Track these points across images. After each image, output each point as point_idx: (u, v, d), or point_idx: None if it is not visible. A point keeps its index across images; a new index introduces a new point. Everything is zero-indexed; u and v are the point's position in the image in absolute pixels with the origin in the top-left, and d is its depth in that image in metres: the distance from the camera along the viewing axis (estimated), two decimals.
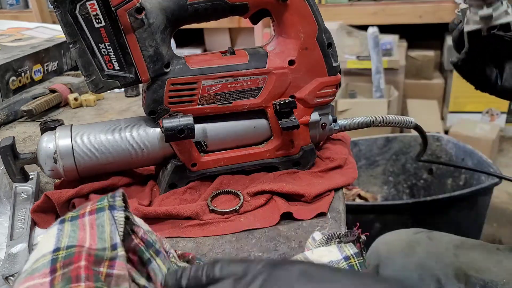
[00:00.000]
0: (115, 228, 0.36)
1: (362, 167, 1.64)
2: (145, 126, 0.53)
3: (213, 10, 0.51)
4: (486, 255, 0.68)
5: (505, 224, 1.73)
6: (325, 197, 0.54)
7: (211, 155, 0.56)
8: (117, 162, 0.52)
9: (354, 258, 0.42)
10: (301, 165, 0.59)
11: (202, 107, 0.53)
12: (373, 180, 1.66)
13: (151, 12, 0.47)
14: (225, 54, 0.55)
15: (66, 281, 0.30)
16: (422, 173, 1.60)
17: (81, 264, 0.31)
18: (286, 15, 0.53)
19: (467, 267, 0.67)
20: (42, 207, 0.51)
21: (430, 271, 0.72)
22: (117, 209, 0.37)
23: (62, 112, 0.87)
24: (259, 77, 0.54)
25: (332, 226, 0.50)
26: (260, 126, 0.57)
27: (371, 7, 2.18)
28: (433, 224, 1.24)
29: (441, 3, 2.09)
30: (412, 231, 0.83)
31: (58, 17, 0.45)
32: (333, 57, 0.56)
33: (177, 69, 0.51)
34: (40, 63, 0.93)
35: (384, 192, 1.65)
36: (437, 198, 1.20)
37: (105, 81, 0.49)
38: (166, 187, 0.54)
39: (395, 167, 1.63)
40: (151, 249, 0.37)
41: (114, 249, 0.35)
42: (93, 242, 0.35)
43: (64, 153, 0.50)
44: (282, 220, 0.51)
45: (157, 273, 0.37)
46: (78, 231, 0.36)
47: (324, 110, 0.58)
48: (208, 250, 0.47)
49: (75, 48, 0.46)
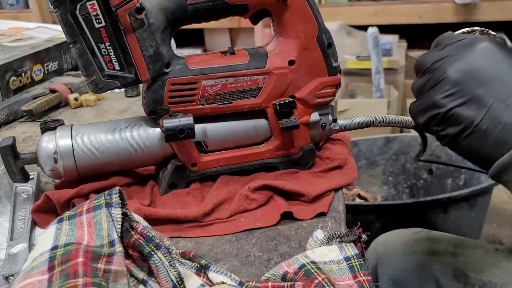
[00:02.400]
0: (113, 225, 0.36)
1: (362, 167, 1.64)
2: (145, 126, 0.53)
3: (213, 10, 0.51)
4: (485, 255, 0.68)
5: (505, 224, 1.73)
6: (325, 197, 0.54)
7: (211, 155, 0.56)
8: (117, 162, 0.52)
9: (354, 259, 0.42)
10: (301, 165, 0.59)
11: (202, 107, 0.53)
12: (373, 180, 1.66)
13: (151, 12, 0.47)
14: (225, 54, 0.55)
15: (64, 277, 0.30)
16: (422, 173, 1.60)
17: (79, 261, 0.32)
18: (286, 15, 0.53)
19: (466, 268, 0.67)
20: (43, 207, 0.52)
21: (429, 271, 0.72)
22: (114, 206, 0.37)
23: (62, 112, 0.87)
24: (259, 77, 0.54)
25: (332, 226, 0.50)
26: (260, 126, 0.57)
27: (371, 7, 2.18)
28: (433, 224, 1.24)
29: (441, 3, 2.09)
30: (412, 231, 0.83)
31: (58, 17, 0.45)
32: (333, 57, 0.56)
33: (177, 69, 0.51)
34: (40, 63, 0.93)
35: (384, 192, 1.65)
36: (437, 198, 1.20)
37: (105, 81, 0.49)
38: (166, 187, 0.54)
39: (395, 167, 1.63)
40: (152, 243, 0.37)
41: (112, 245, 0.36)
42: (91, 239, 0.35)
43: (64, 153, 0.50)
44: (282, 220, 0.51)
45: (159, 265, 0.37)
46: (76, 229, 0.36)
47: (324, 110, 0.59)
48: (208, 250, 0.47)
49: (75, 48, 0.46)
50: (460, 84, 0.43)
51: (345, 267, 0.41)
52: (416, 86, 0.47)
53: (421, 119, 0.46)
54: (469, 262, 0.68)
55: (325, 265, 0.41)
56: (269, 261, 0.45)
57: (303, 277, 0.39)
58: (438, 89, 0.44)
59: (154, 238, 0.38)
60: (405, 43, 2.25)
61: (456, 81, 0.43)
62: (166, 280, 0.36)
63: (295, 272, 0.40)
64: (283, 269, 0.40)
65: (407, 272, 0.75)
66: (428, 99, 0.45)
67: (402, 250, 0.78)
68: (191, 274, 0.40)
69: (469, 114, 0.43)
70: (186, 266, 0.41)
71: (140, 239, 0.37)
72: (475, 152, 0.44)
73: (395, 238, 0.84)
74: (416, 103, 0.47)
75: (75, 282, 0.30)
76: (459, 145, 0.45)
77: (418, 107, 0.47)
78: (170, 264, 0.37)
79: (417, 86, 0.47)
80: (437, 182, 1.57)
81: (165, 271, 0.37)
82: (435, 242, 0.76)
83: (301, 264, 0.40)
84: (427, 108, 0.45)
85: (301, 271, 0.40)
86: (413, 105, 0.48)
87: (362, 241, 0.44)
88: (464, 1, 2.01)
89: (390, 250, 0.81)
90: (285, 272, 0.40)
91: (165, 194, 0.54)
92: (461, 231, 1.28)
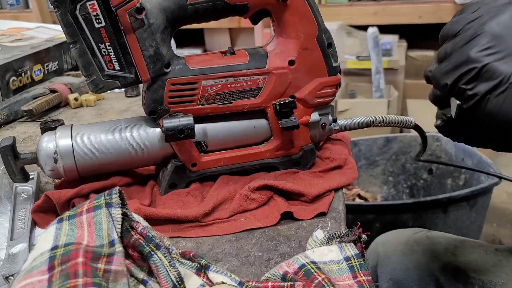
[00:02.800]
0: (113, 225, 0.36)
1: (362, 167, 1.64)
2: (145, 126, 0.53)
3: (213, 10, 0.51)
4: (485, 255, 0.68)
5: (505, 224, 1.73)
6: (325, 197, 0.54)
7: (211, 155, 0.56)
8: (117, 162, 0.52)
9: (354, 259, 0.42)
10: (301, 165, 0.59)
11: (202, 107, 0.53)
12: (373, 180, 1.66)
13: (151, 12, 0.47)
14: (225, 54, 0.55)
15: (64, 277, 0.30)
16: (422, 173, 1.60)
17: (79, 261, 0.32)
18: (286, 15, 0.53)
19: (466, 267, 0.67)
20: (43, 207, 0.52)
21: (429, 271, 0.72)
22: (114, 206, 0.37)
23: (62, 112, 0.87)
24: (259, 77, 0.54)
25: (332, 226, 0.50)
26: (260, 126, 0.57)
27: (371, 7, 2.18)
28: (433, 224, 1.25)
29: (441, 3, 2.09)
30: (412, 231, 0.83)
31: (58, 17, 0.45)
32: (333, 57, 0.56)
33: (177, 69, 0.51)
34: (40, 63, 0.93)
35: (384, 192, 1.65)
36: (437, 198, 1.20)
37: (105, 81, 0.49)
38: (166, 187, 0.54)
39: (395, 167, 1.64)
40: (152, 243, 0.37)
41: (112, 245, 0.36)
42: (91, 239, 0.35)
43: (64, 153, 0.50)
44: (282, 220, 0.51)
45: (159, 265, 0.37)
46: (76, 229, 0.36)
47: (324, 110, 0.59)
48: (208, 250, 0.47)
49: (76, 48, 0.46)
50: (499, 38, 0.41)
51: (345, 267, 0.41)
52: (445, 49, 0.45)
53: (449, 79, 0.43)
54: (469, 262, 0.68)
55: (325, 265, 0.41)
56: (269, 261, 0.45)
57: (303, 277, 0.39)
58: (474, 44, 0.42)
59: (154, 238, 0.38)
60: (405, 43, 2.25)
61: (495, 34, 0.41)
62: (166, 280, 0.36)
63: (295, 272, 0.40)
64: (283, 269, 0.41)
65: (407, 272, 0.75)
66: (459, 57, 0.43)
67: (402, 250, 0.78)
68: (191, 274, 0.40)
69: (506, 69, 0.40)
70: (186, 266, 0.41)
71: (140, 239, 0.37)
72: (506, 111, 0.41)
73: (395, 238, 0.84)
74: (443, 64, 0.44)
75: (75, 282, 0.30)
76: (489, 104, 0.42)
77: (445, 68, 0.44)
78: (170, 264, 0.37)
79: (446, 49, 0.45)
80: (437, 182, 1.57)
81: (165, 271, 0.37)
82: (435, 242, 0.76)
83: (301, 264, 0.40)
84: (458, 66, 0.43)
85: (301, 271, 0.40)
86: (439, 67, 0.45)
87: (362, 241, 0.44)
88: (464, 1, 2.01)
89: (390, 250, 0.81)
90: (285, 272, 0.40)
91: (165, 194, 0.54)
92: (461, 231, 1.28)
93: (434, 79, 0.46)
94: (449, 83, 0.44)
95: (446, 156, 1.54)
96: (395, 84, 2.12)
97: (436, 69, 0.45)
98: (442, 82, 0.44)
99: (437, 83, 0.45)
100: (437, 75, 0.45)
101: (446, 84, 0.44)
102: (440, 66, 0.45)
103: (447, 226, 1.26)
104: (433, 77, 0.46)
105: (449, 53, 0.44)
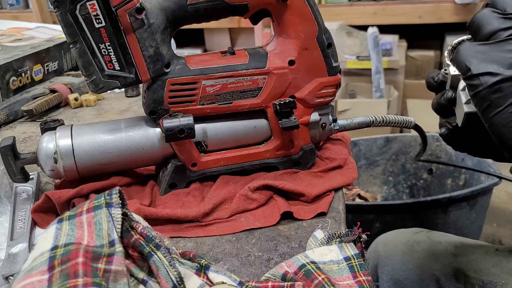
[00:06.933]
0: (113, 225, 0.36)
1: (362, 167, 1.64)
2: (145, 126, 0.53)
3: (213, 10, 0.51)
4: (485, 255, 0.68)
5: (505, 224, 1.73)
6: (325, 197, 0.54)
7: (211, 155, 0.56)
8: (117, 162, 0.52)
9: (354, 259, 0.42)
10: (301, 165, 0.59)
11: (202, 107, 0.53)
12: (373, 180, 1.66)
13: (151, 12, 0.47)
14: (225, 54, 0.55)
15: (64, 277, 0.30)
16: (422, 173, 1.60)
17: (79, 261, 0.32)
18: (286, 15, 0.53)
19: (466, 268, 0.67)
20: (43, 207, 0.52)
21: (429, 271, 0.72)
22: (114, 206, 0.37)
23: (62, 112, 0.87)
24: (259, 77, 0.54)
25: (332, 226, 0.50)
26: (260, 126, 0.57)
27: (371, 7, 2.18)
28: (433, 224, 1.25)
29: (441, 3, 2.09)
30: (412, 231, 0.83)
31: (59, 17, 0.45)
32: (333, 57, 0.56)
33: (177, 69, 0.51)
34: (40, 63, 0.93)
35: (384, 192, 1.65)
36: (437, 198, 1.20)
37: (105, 81, 0.49)
38: (166, 187, 0.54)
39: (395, 167, 1.63)
40: (152, 243, 0.37)
41: (112, 245, 0.36)
42: (91, 239, 0.35)
43: (64, 153, 0.50)
44: (282, 220, 0.51)
45: (159, 266, 0.37)
46: (76, 229, 0.36)
47: (324, 110, 0.59)
48: (208, 250, 0.47)
49: (76, 48, 0.46)
50: None
51: (345, 267, 0.41)
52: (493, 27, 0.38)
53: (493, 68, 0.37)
54: (469, 262, 0.68)
55: (325, 265, 0.41)
56: (269, 261, 0.45)
57: (303, 277, 0.39)
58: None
59: (154, 238, 0.38)
60: (405, 43, 2.25)
61: None
62: (166, 280, 0.36)
63: (295, 272, 0.40)
64: (283, 269, 0.41)
65: (408, 272, 0.75)
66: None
67: (402, 250, 0.78)
68: (191, 274, 0.40)
69: None
70: (186, 266, 0.41)
71: (140, 239, 0.37)
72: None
73: (395, 238, 0.84)
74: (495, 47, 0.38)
75: (75, 282, 0.30)
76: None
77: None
78: (170, 264, 0.37)
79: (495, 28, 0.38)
80: (437, 182, 1.57)
81: (165, 271, 0.37)
82: (435, 242, 0.76)
83: (301, 264, 0.40)
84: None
85: (301, 271, 0.40)
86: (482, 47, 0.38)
87: (362, 241, 0.44)
88: (464, 1, 2.01)
89: (390, 250, 0.81)
90: (285, 272, 0.40)
91: (165, 194, 0.54)
92: (461, 231, 1.28)
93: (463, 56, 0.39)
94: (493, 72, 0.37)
95: (446, 156, 1.54)
96: (395, 84, 2.13)
97: (478, 49, 0.38)
98: (482, 69, 0.37)
99: (469, 63, 0.38)
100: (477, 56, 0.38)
101: (489, 72, 0.37)
102: (488, 46, 0.38)
103: (447, 226, 1.26)
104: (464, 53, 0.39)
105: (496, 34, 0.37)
